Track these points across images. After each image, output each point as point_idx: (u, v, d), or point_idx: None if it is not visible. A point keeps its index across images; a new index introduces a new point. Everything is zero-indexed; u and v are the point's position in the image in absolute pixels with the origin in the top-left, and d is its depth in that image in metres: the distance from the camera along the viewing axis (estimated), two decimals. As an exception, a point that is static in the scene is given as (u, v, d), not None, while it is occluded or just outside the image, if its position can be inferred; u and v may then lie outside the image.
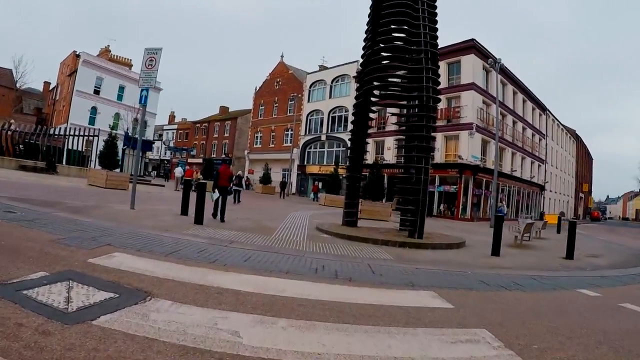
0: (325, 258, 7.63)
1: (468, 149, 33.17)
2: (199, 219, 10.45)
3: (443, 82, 35.36)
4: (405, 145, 14.25)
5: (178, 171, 27.17)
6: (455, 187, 33.21)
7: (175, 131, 71.72)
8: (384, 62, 13.50)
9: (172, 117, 79.11)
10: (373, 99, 14.27)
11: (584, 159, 76.26)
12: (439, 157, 34.23)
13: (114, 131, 23.90)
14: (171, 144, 59.53)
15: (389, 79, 13.55)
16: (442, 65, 35.13)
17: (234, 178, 25.87)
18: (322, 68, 48.15)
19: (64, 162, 30.77)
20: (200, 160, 56.97)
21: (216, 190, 12.17)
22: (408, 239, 11.54)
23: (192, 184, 24.55)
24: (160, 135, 69.55)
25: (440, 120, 34.24)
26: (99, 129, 30.13)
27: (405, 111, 14.65)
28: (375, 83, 13.34)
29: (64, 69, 48.07)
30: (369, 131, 39.30)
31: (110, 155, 22.11)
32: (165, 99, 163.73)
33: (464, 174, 32.75)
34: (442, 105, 34.30)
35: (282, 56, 53.72)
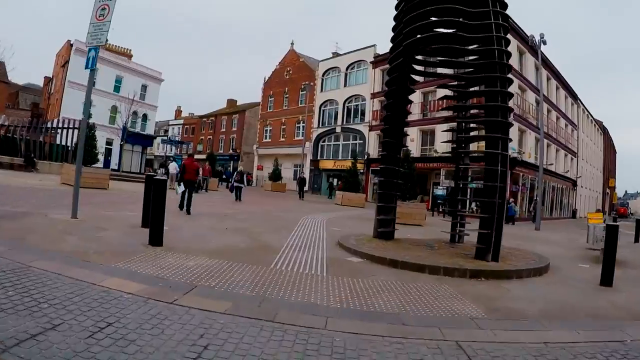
0: (368, 334, 3.71)
1: (504, 139, 28.98)
2: (155, 237, 6.64)
3: (473, 64, 31.41)
4: (459, 122, 10.40)
5: (172, 167, 23.34)
6: (490, 182, 29.04)
7: (181, 126, 68.19)
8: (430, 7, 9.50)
9: (178, 112, 75.49)
10: (413, 69, 10.35)
11: (609, 152, 71.28)
12: (470, 148, 30.07)
13: (91, 120, 20.21)
14: (177, 139, 55.99)
15: (439, 29, 9.52)
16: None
17: (235, 174, 22.38)
18: (336, 55, 44.14)
19: (50, 159, 27.26)
20: (205, 157, 53.46)
21: (181, 184, 11.81)
22: (479, 263, 7.64)
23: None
24: (166, 131, 66.35)
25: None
26: (77, 121, 26.39)
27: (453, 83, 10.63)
28: (419, 35, 9.36)
29: (59, 60, 44.80)
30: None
31: (87, 148, 18.42)
32: (172, 95, 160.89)
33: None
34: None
35: (292, 43, 49.42)
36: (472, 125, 10.94)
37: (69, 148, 28.06)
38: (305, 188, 30.00)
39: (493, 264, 7.69)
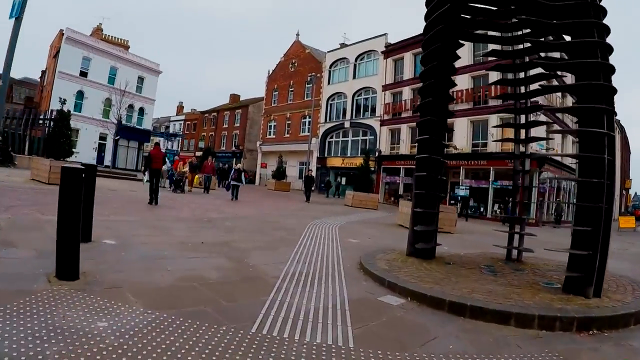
0: None
1: (534, 134, 26.01)
2: (64, 267, 4.00)
3: (496, 52, 28.54)
4: (515, 98, 7.76)
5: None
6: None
7: (182, 122, 65.50)
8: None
9: (180, 108, 72.78)
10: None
11: (624, 152, 68.03)
12: (494, 145, 27.34)
13: (65, 107, 17.69)
14: (173, 132, 53.33)
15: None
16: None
17: (232, 172, 19.87)
18: (344, 46, 41.31)
19: (30, 152, 24.79)
20: (201, 153, 50.90)
21: (146, 174, 12.25)
22: (579, 302, 4.98)
23: (175, 177, 18.37)
24: (167, 127, 63.93)
25: (493, 98, 27.54)
26: (54, 111, 23.92)
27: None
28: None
29: (52, 51, 42.46)
30: (403, 115, 32.69)
31: (58, 139, 15.91)
32: (175, 91, 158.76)
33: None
34: (496, 79, 27.56)
35: (297, 34, 46.71)
36: (528, 102, 8.24)
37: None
38: (313, 187, 27.26)
39: (597, 302, 5.02)
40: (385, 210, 22.58)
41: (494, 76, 27.14)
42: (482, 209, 27.37)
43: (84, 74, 36.72)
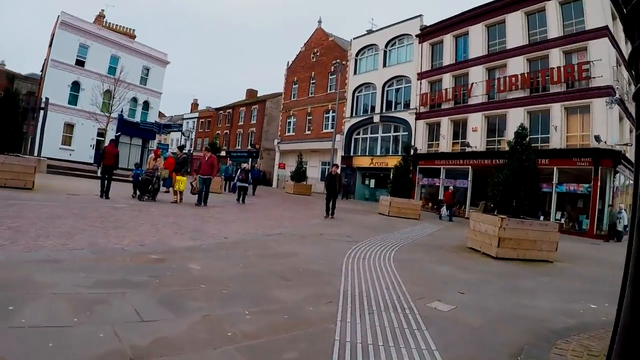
0: None
1: (607, 126, 20.85)
2: None
3: (557, 27, 23.50)
4: None
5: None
6: (587, 185, 21.06)
7: (196, 120, 61.72)
8: None
9: (194, 106, 69.25)
10: None
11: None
12: (557, 139, 22.38)
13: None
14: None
15: None
16: (554, 5, 23.48)
17: (239, 172, 15.69)
18: (371, 32, 36.67)
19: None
20: (224, 153, 46.91)
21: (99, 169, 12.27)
22: None
23: (142, 177, 13.67)
24: (180, 125, 60.31)
25: (555, 84, 22.59)
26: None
27: None
28: None
29: (50, 39, 39.02)
30: (444, 106, 27.89)
31: (5, 127, 11.75)
32: (191, 89, 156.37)
33: (601, 165, 20.41)
34: (558, 61, 22.60)
35: (319, 21, 42.32)
36: None
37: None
38: (340, 192, 22.60)
39: None
40: (429, 220, 17.85)
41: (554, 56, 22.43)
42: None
43: (80, 62, 32.94)
